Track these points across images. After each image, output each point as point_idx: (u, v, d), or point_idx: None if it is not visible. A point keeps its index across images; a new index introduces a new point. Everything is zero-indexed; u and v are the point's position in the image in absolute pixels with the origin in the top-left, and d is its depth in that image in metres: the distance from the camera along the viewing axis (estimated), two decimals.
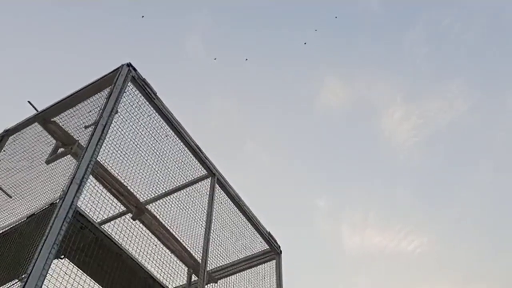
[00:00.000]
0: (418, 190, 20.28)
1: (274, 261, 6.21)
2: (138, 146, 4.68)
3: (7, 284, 3.79)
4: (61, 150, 4.73)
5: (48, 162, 4.66)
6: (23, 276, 3.07)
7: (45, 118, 4.89)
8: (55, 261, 3.36)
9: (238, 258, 5.84)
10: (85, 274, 3.93)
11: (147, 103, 4.87)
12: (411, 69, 19.56)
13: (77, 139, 4.62)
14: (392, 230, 19.97)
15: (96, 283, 4.03)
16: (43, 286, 3.07)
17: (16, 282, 3.68)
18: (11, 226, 3.92)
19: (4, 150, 5.03)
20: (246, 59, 15.06)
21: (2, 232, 3.94)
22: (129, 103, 4.66)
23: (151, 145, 4.86)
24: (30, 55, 16.55)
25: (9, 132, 5.16)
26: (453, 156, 19.81)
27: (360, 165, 20.32)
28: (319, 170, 20.17)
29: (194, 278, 5.24)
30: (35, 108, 4.99)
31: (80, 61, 16.56)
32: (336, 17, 15.51)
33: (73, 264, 3.73)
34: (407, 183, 20.30)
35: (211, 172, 5.59)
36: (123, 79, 4.53)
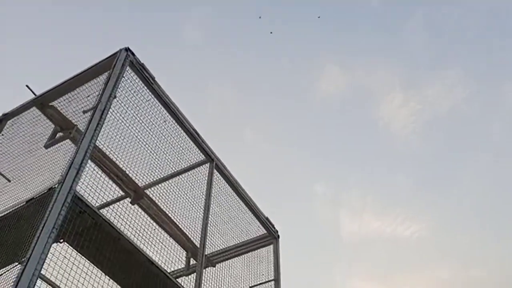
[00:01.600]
0: (417, 176, 20.36)
1: (271, 246, 6.27)
2: (136, 131, 4.68)
3: (8, 266, 3.83)
4: (59, 134, 4.74)
5: (46, 146, 4.67)
6: (23, 259, 3.10)
7: (43, 102, 4.88)
8: (54, 245, 3.39)
9: (236, 243, 5.89)
10: (84, 257, 3.96)
11: (145, 87, 4.86)
12: (410, 57, 19.48)
13: (75, 123, 4.62)
14: (391, 216, 20.10)
15: (95, 266, 4.06)
16: (42, 270, 3.10)
17: (16, 265, 3.72)
18: (10, 210, 3.94)
19: (2, 134, 5.03)
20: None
21: (2, 216, 3.97)
22: (127, 87, 4.65)
23: (150, 130, 4.86)
24: (29, 39, 16.44)
25: (8, 116, 5.16)
26: (452, 142, 19.84)
27: (359, 151, 20.36)
28: (318, 156, 20.21)
29: (192, 262, 5.29)
30: (33, 92, 4.98)
31: (79, 46, 16.45)
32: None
33: (72, 248, 3.77)
34: (406, 169, 20.36)
35: (210, 157, 5.60)
36: (121, 63, 4.52)
